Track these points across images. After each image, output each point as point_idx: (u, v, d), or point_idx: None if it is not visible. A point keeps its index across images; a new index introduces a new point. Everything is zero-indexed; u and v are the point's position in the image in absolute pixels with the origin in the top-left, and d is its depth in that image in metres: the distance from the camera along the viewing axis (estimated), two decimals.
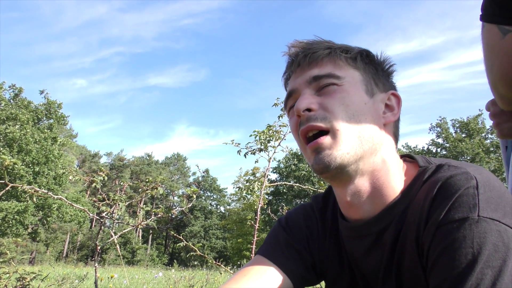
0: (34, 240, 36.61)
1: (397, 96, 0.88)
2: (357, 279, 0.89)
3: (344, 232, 0.89)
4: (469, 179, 0.69)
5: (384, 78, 0.88)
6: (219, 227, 49.18)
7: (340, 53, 0.84)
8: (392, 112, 0.86)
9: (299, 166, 36.90)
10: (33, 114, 29.99)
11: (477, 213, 0.64)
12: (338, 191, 0.86)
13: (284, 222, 1.00)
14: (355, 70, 0.84)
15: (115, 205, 2.97)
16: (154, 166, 56.69)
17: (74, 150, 49.10)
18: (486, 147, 35.08)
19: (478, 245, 0.62)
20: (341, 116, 0.79)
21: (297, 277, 0.91)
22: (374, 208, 0.82)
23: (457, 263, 0.63)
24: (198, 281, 10.48)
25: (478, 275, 0.60)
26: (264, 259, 0.92)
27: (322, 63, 0.84)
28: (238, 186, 8.31)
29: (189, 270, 21.21)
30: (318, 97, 0.82)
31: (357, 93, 0.81)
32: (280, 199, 37.15)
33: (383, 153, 0.82)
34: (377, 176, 0.81)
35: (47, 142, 29.32)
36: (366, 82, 0.84)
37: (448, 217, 0.66)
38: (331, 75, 0.82)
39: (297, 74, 0.86)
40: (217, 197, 56.21)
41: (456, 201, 0.67)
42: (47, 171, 28.91)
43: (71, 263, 31.99)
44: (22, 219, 27.21)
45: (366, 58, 0.87)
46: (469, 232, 0.63)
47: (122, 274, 16.33)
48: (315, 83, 0.83)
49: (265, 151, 4.07)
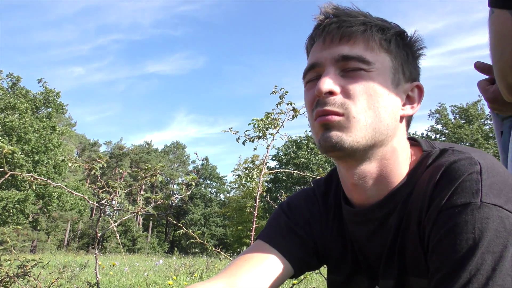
0: (35, 229, 36.81)
1: (421, 89, 0.85)
2: (359, 263, 0.89)
3: (348, 217, 0.89)
4: (472, 164, 0.69)
5: (412, 65, 0.84)
6: (219, 215, 49.42)
7: (376, 33, 0.79)
8: (412, 105, 0.84)
9: (298, 153, 36.95)
10: (31, 103, 29.91)
11: (480, 199, 0.64)
12: (344, 172, 0.84)
13: (286, 207, 0.99)
14: (386, 55, 0.80)
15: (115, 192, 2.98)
16: (153, 155, 56.71)
17: (73, 139, 49.06)
18: (485, 133, 35.11)
19: (480, 231, 0.62)
20: (360, 105, 0.75)
21: (299, 262, 0.91)
22: (379, 192, 0.81)
23: (457, 247, 0.63)
24: (198, 268, 10.59)
25: (478, 260, 0.60)
26: (265, 244, 0.91)
27: (354, 40, 0.78)
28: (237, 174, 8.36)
29: (190, 257, 21.36)
30: (341, 79, 0.77)
31: (382, 83, 0.77)
32: (280, 187, 37.27)
33: (394, 143, 0.80)
34: (385, 164, 0.80)
35: (46, 131, 29.29)
36: (394, 70, 0.80)
37: (451, 202, 0.67)
38: (361, 58, 0.77)
39: (325, 46, 0.80)
40: (217, 185, 56.35)
41: (459, 186, 0.67)
42: (47, 160, 28.94)
43: (72, 252, 32.21)
44: (22, 208, 27.33)
45: (400, 41, 0.83)
46: (471, 217, 0.63)
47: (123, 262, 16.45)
48: (343, 63, 0.78)
49: (264, 138, 4.08)
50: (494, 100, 1.01)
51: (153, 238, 48.99)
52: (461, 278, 0.61)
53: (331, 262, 0.95)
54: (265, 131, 4.06)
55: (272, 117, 4.12)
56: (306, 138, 38.00)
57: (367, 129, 0.75)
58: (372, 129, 0.76)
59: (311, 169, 35.50)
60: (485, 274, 0.60)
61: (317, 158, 35.73)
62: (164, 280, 8.29)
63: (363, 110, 0.75)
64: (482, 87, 1.05)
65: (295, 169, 36.70)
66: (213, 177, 55.84)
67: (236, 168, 42.29)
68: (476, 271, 0.60)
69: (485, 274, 0.60)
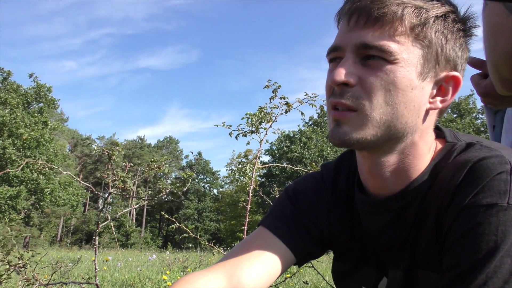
0: (28, 225, 36.57)
1: (457, 80, 0.75)
2: (368, 253, 0.86)
3: (361, 207, 0.85)
4: (503, 164, 0.65)
5: (453, 51, 0.74)
6: (213, 210, 49.41)
7: (409, 17, 0.70)
8: (444, 97, 0.75)
9: (291, 148, 37.00)
10: (22, 98, 29.67)
11: (507, 201, 0.62)
12: (360, 158, 0.81)
13: (292, 193, 0.94)
14: (417, 43, 0.71)
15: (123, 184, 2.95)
16: (146, 150, 56.48)
17: (66, 134, 48.70)
18: (477, 127, 35.38)
19: (503, 233, 0.60)
20: (376, 101, 0.70)
21: (302, 252, 0.88)
22: (397, 183, 0.77)
23: (477, 248, 0.61)
24: (191, 263, 10.60)
25: (497, 263, 0.59)
26: (268, 232, 0.87)
27: (380, 25, 0.70)
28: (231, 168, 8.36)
29: (183, 252, 21.38)
30: (361, 68, 0.71)
31: (406, 76, 0.70)
32: (273, 181, 37.30)
33: (415, 138, 0.75)
34: (403, 157, 0.76)
35: (38, 126, 29.07)
36: (424, 61, 0.71)
37: (476, 201, 0.64)
38: (383, 48, 0.69)
39: (349, 29, 0.73)
40: (210, 180, 56.31)
41: (487, 185, 0.64)
42: (39, 155, 28.73)
43: (65, 247, 32.09)
44: (14, 204, 27.16)
45: (440, 23, 0.72)
46: (496, 219, 0.61)
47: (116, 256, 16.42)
48: (364, 50, 0.71)
49: (257, 133, 4.09)
50: (486, 94, 1.01)
51: (146, 233, 48.90)
52: (477, 279, 0.59)
53: (338, 250, 0.92)
54: (258, 126, 4.07)
55: (265, 111, 4.13)
56: (299, 132, 38.04)
57: (381, 127, 0.71)
58: (386, 127, 0.71)
59: (304, 163, 35.55)
60: (502, 278, 0.58)
61: (310, 153, 35.81)
62: (158, 275, 8.30)
63: (379, 106, 0.70)
64: (475, 82, 1.05)
65: (288, 163, 36.76)
66: (207, 171, 55.76)
67: (229, 162, 42.33)
68: (493, 273, 0.59)
69: (502, 277, 0.58)
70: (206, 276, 0.77)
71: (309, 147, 36.46)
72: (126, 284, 7.19)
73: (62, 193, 29.99)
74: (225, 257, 0.84)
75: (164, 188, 2.78)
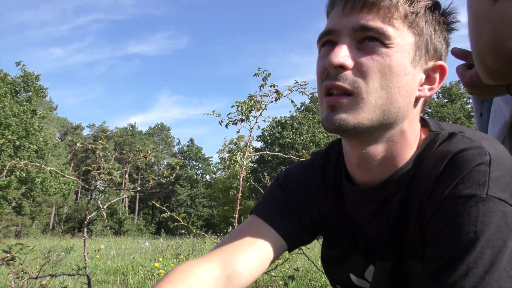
0: (19, 214, 36.42)
1: (443, 69, 0.78)
2: (357, 241, 0.87)
3: (348, 196, 0.86)
4: (482, 155, 0.66)
5: (439, 42, 0.77)
6: (205, 196, 49.57)
7: (403, 4, 0.72)
8: (431, 86, 0.77)
9: (283, 134, 37.05)
10: (10, 86, 29.25)
11: (486, 192, 0.62)
12: (348, 148, 0.81)
13: (283, 181, 0.95)
14: (410, 30, 0.73)
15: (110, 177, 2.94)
16: (138, 137, 56.29)
17: (55, 123, 48.32)
18: (467, 111, 35.68)
19: (482, 224, 0.61)
20: (372, 84, 0.70)
21: (293, 239, 0.89)
22: (383, 173, 0.78)
23: (458, 239, 0.62)
24: (184, 250, 10.66)
25: (477, 254, 0.59)
26: (260, 220, 0.88)
27: (377, 10, 0.71)
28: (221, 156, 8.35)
29: (177, 238, 21.49)
30: (357, 51, 0.72)
31: (401, 61, 0.71)
32: (265, 167, 37.44)
33: (404, 126, 0.76)
34: (391, 146, 0.77)
35: (27, 115, 28.75)
36: (416, 48, 0.73)
37: (455, 192, 0.65)
38: (380, 31, 0.70)
39: (345, 13, 0.73)
40: (203, 166, 56.39)
41: (466, 177, 0.65)
42: (28, 144, 28.48)
43: (57, 236, 32.08)
44: (5, 194, 26.98)
45: (430, 14, 0.75)
46: (475, 210, 0.62)
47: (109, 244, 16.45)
48: (361, 33, 0.71)
49: (247, 121, 4.07)
50: (472, 85, 1.01)
51: (139, 220, 49.03)
52: (458, 270, 0.60)
53: (327, 236, 0.93)
54: (248, 114, 4.05)
55: (255, 99, 4.11)
56: (291, 118, 38.06)
57: (376, 111, 0.71)
58: (381, 111, 0.72)
59: (296, 149, 35.68)
60: (483, 268, 0.59)
61: (302, 138, 35.91)
62: (151, 262, 8.33)
63: (375, 90, 0.70)
64: (460, 72, 1.04)
65: (280, 149, 36.86)
66: (199, 158, 55.81)
67: (221, 149, 42.31)
68: (474, 264, 0.59)
69: (483, 268, 0.59)
70: (202, 265, 0.78)
71: (300, 132, 36.54)
72: (119, 272, 7.21)
73: (53, 182, 29.83)
74: (219, 245, 0.85)
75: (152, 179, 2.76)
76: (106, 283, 6.20)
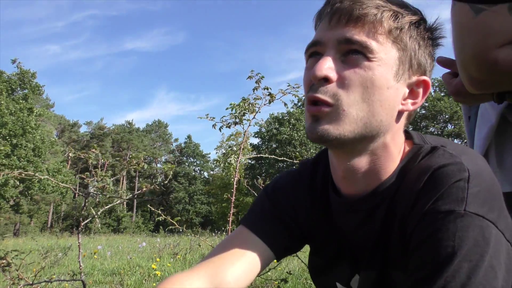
0: (17, 212, 36.40)
1: (427, 85, 0.79)
2: (343, 250, 0.89)
3: (335, 206, 0.88)
4: (461, 171, 0.68)
5: (424, 57, 0.79)
6: (204, 192, 49.55)
7: (387, 20, 0.74)
8: (414, 100, 0.79)
9: (280, 130, 37.05)
10: (6, 84, 29.13)
11: (464, 208, 0.64)
12: (334, 160, 0.83)
13: (271, 191, 0.98)
14: (394, 45, 0.74)
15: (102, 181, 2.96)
16: (135, 134, 56.12)
17: (52, 120, 48.15)
18: None
19: (460, 239, 0.63)
20: (353, 97, 0.72)
21: (281, 249, 0.91)
22: (368, 185, 0.80)
23: (436, 253, 0.64)
24: (182, 249, 10.70)
25: (455, 267, 0.61)
26: (248, 231, 0.90)
27: (362, 24, 0.73)
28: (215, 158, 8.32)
29: (175, 236, 21.53)
30: (340, 64, 0.74)
31: (383, 75, 0.73)
32: (263, 164, 37.50)
33: (386, 139, 0.77)
34: (374, 159, 0.78)
35: (23, 113, 28.67)
36: (400, 63, 0.75)
37: (435, 207, 0.67)
38: (364, 45, 0.72)
39: (331, 26, 0.76)
40: (201, 163, 56.34)
41: (445, 193, 0.67)
42: (25, 143, 28.43)
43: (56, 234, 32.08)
44: (2, 192, 26.96)
45: (414, 30, 0.77)
46: (453, 225, 0.64)
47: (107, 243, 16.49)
48: (345, 46, 0.73)
49: (240, 124, 4.10)
50: (457, 93, 1.03)
51: (138, 217, 48.99)
52: (437, 283, 0.62)
53: (314, 245, 0.95)
54: (242, 117, 4.08)
55: (249, 102, 4.13)
56: (288, 114, 38.05)
57: (357, 123, 0.73)
58: (363, 124, 0.73)
59: (293, 145, 35.73)
60: (460, 282, 0.61)
61: (299, 134, 35.92)
62: (148, 262, 8.37)
63: (356, 102, 0.72)
64: (446, 81, 1.07)
65: (277, 145, 36.90)
66: (197, 154, 55.76)
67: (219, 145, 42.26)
68: (451, 277, 0.61)
69: (460, 281, 0.61)
70: (190, 278, 0.80)
71: (298, 128, 36.56)
72: (116, 273, 7.24)
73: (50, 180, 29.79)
74: (208, 256, 0.87)
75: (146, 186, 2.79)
76: (104, 283, 6.24)
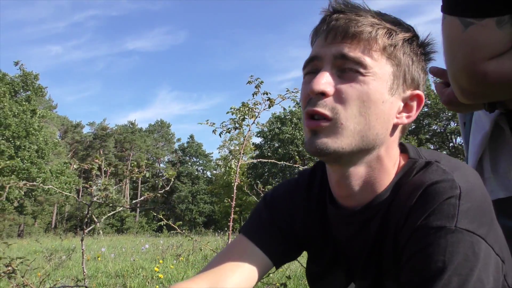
0: (21, 213, 36.59)
1: (421, 98, 0.82)
2: (339, 258, 0.91)
3: (331, 217, 0.90)
4: (453, 189, 0.70)
5: (417, 72, 0.82)
6: (207, 192, 49.59)
7: (381, 37, 0.77)
8: (409, 114, 0.82)
9: (282, 129, 37.05)
10: (9, 86, 29.23)
11: (455, 224, 0.67)
12: (331, 173, 0.86)
13: (269, 200, 1.00)
14: (388, 61, 0.78)
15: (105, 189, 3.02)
16: (138, 134, 56.21)
17: (55, 121, 48.35)
18: None
19: (450, 254, 0.65)
20: (351, 111, 0.75)
21: (279, 257, 0.94)
22: (364, 197, 0.82)
23: (428, 267, 0.66)
24: (185, 250, 10.76)
25: (445, 281, 0.64)
26: (247, 240, 0.93)
27: (357, 41, 0.76)
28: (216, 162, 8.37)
29: (178, 236, 21.60)
30: (337, 79, 0.76)
31: (378, 90, 0.76)
32: (265, 163, 37.49)
33: (381, 151, 0.80)
34: (370, 171, 0.81)
35: (26, 115, 28.79)
36: (394, 77, 0.78)
37: (427, 223, 0.69)
38: (358, 61, 0.75)
39: (327, 43, 0.79)
40: (203, 162, 56.41)
41: (437, 209, 0.69)
42: (29, 144, 28.54)
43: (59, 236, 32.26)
44: (7, 194, 27.03)
45: (407, 46, 0.80)
46: (444, 241, 0.66)
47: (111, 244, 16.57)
48: (341, 61, 0.76)
49: (240, 129, 4.14)
50: (450, 102, 1.05)
51: (141, 217, 49.10)
52: None
53: (312, 252, 0.97)
54: (241, 123, 4.11)
55: (249, 107, 4.17)
56: (290, 113, 38.04)
57: (355, 136, 0.75)
58: (360, 137, 0.76)
59: (296, 144, 35.75)
60: None
61: (302, 133, 35.88)
62: (151, 264, 8.43)
63: (353, 116, 0.75)
64: (438, 90, 1.09)
65: (280, 144, 36.90)
66: (199, 154, 55.84)
67: (221, 145, 42.35)
68: None
69: None
70: (192, 287, 0.82)
71: (300, 127, 36.51)
72: (120, 275, 7.30)
73: (54, 182, 29.89)
74: (208, 266, 0.90)
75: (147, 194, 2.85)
76: (107, 286, 6.30)
